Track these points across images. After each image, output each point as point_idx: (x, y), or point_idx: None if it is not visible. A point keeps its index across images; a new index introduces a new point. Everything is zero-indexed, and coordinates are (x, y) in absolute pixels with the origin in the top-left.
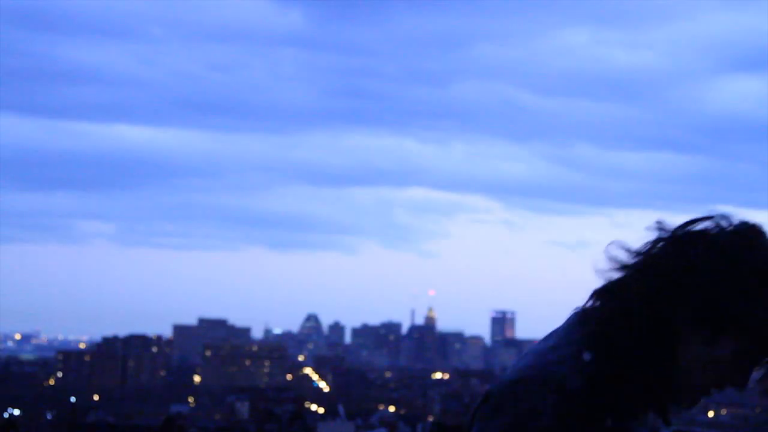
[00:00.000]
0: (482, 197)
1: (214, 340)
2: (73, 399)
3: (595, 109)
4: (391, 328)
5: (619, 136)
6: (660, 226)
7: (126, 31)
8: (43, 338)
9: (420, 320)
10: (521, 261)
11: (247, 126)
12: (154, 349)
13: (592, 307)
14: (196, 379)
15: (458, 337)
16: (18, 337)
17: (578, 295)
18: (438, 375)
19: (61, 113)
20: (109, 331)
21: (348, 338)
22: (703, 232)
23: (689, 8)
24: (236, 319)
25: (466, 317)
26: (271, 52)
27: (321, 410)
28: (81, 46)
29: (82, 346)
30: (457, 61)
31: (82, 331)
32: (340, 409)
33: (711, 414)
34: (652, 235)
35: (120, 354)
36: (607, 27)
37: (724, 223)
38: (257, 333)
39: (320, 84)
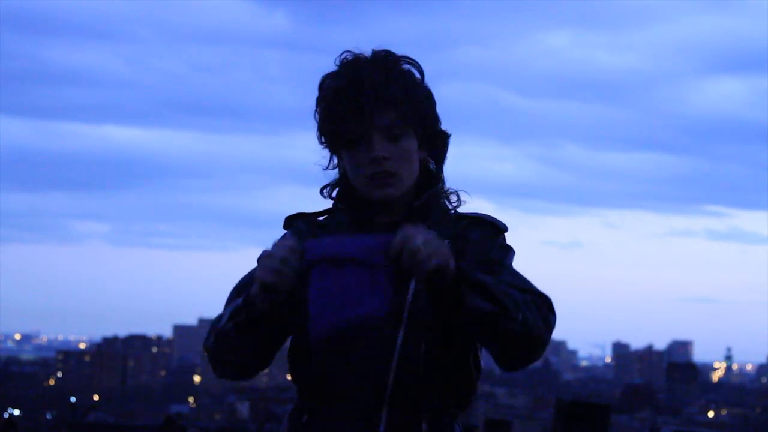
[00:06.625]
0: (474, 198)
1: None
2: (73, 399)
3: (581, 111)
4: None
5: (606, 137)
6: None
7: (113, 33)
8: (43, 338)
9: None
10: (515, 260)
11: (236, 127)
12: (154, 349)
13: None
14: (196, 379)
15: None
16: (18, 337)
17: (575, 294)
18: None
19: (50, 114)
20: (109, 331)
21: None
22: None
23: (670, 11)
24: None
25: None
26: (257, 53)
27: None
28: (68, 47)
29: (82, 346)
30: (441, 63)
31: (82, 331)
32: None
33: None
34: None
35: (120, 354)
36: (589, 29)
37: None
38: None
39: (306, 85)
